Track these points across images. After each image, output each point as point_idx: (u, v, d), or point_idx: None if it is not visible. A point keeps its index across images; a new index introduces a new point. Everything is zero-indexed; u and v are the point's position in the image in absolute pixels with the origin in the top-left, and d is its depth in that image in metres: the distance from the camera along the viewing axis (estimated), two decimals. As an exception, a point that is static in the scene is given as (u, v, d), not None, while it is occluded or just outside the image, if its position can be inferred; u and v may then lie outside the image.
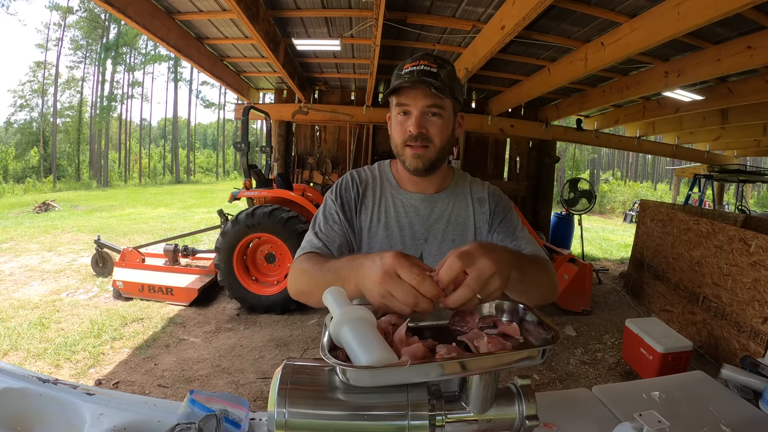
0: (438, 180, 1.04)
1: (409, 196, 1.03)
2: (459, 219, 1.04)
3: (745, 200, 9.76)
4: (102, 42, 28.93)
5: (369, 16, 3.59)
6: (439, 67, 0.91)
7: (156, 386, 2.65)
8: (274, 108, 6.20)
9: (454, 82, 0.94)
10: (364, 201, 1.04)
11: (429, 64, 0.91)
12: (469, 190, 1.08)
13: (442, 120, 0.93)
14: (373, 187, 1.05)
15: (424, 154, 0.93)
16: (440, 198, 1.04)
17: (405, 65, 0.93)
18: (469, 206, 1.05)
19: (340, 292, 0.75)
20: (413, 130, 0.92)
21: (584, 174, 30.39)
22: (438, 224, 1.02)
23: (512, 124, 6.37)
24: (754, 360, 1.13)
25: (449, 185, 1.07)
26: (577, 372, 3.13)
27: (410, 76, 0.91)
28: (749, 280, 3.07)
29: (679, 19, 2.43)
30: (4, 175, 22.71)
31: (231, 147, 35.22)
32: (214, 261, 3.94)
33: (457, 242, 1.02)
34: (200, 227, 6.66)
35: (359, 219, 1.03)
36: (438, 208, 1.03)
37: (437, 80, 0.89)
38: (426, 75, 0.89)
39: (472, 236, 1.03)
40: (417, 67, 0.91)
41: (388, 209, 1.02)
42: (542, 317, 0.68)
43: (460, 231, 1.03)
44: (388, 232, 1.01)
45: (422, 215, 1.02)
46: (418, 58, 0.93)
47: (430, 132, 0.93)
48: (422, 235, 1.01)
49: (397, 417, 0.60)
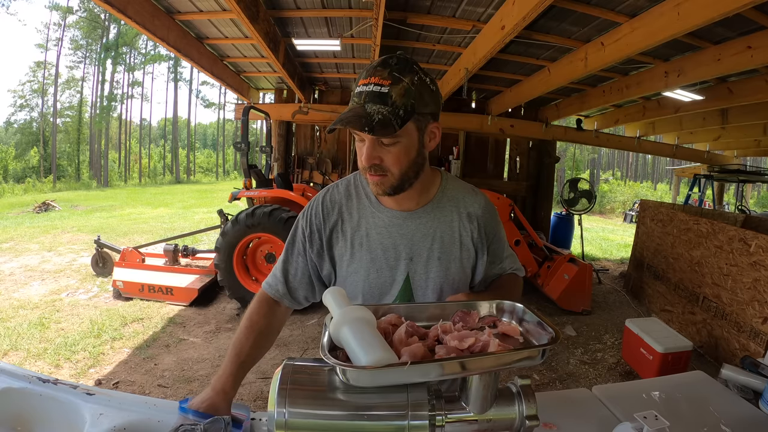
0: (417, 194, 0.95)
1: (391, 214, 0.95)
2: (445, 236, 0.96)
3: (745, 200, 9.76)
4: (102, 42, 28.91)
5: (369, 16, 3.59)
6: (392, 84, 0.80)
7: (156, 386, 2.65)
8: (274, 108, 6.19)
9: (413, 97, 0.81)
10: (342, 228, 0.97)
11: (380, 82, 0.80)
12: (457, 203, 0.99)
13: (399, 146, 0.84)
14: (348, 209, 0.98)
15: (384, 182, 0.87)
16: (424, 213, 0.96)
17: (360, 79, 0.84)
18: (455, 222, 0.97)
19: (340, 293, 0.75)
20: (365, 162, 0.85)
21: (584, 174, 30.39)
22: (423, 242, 0.95)
23: (512, 124, 6.37)
24: (754, 360, 1.13)
25: (434, 197, 0.98)
26: (577, 372, 3.13)
27: (357, 99, 0.82)
28: (749, 280, 3.07)
29: (679, 19, 2.43)
30: (4, 175, 22.71)
31: (231, 147, 35.18)
32: (214, 261, 3.94)
33: (443, 260, 0.95)
34: (200, 227, 6.66)
35: (333, 250, 0.98)
36: (423, 225, 0.96)
37: (385, 105, 0.79)
38: (373, 99, 0.80)
39: (458, 253, 0.97)
40: (366, 88, 0.81)
41: (369, 232, 0.95)
42: (542, 317, 0.68)
43: (446, 249, 0.96)
44: (372, 256, 0.95)
45: (406, 234, 0.95)
46: (371, 71, 0.82)
47: (385, 162, 0.85)
48: (407, 254, 0.95)
49: (397, 417, 0.60)
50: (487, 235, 1.00)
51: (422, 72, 0.84)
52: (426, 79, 0.84)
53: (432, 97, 0.86)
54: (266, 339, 0.99)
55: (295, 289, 1.01)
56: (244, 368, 0.91)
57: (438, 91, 0.88)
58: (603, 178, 30.99)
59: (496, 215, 1.04)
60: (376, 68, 0.82)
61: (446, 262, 0.96)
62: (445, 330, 0.68)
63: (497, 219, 1.04)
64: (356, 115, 0.79)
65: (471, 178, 6.30)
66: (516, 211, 4.46)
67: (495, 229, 1.02)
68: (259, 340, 0.95)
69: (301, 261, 1.00)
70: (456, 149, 6.32)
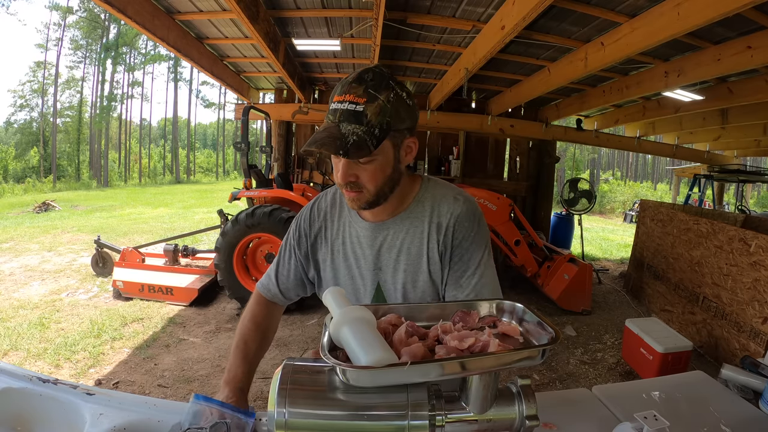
0: (392, 206, 0.94)
1: (363, 225, 0.97)
2: (412, 248, 0.94)
3: (745, 200, 9.75)
4: (102, 42, 28.92)
5: (369, 16, 3.59)
6: (367, 101, 0.78)
7: (156, 386, 2.65)
8: (274, 108, 6.19)
9: (389, 115, 0.80)
10: (325, 234, 1.02)
11: (355, 100, 0.78)
12: (429, 212, 0.94)
13: (375, 164, 0.83)
14: (331, 216, 1.01)
15: (359, 198, 0.87)
16: (393, 224, 0.95)
17: (335, 95, 0.81)
18: (425, 232, 0.93)
19: (340, 293, 0.75)
20: (340, 180, 0.85)
21: (584, 174, 30.40)
22: (389, 254, 0.95)
23: (512, 124, 6.37)
24: (754, 360, 1.14)
25: (408, 207, 0.95)
26: (577, 372, 3.13)
27: (332, 117, 0.80)
28: (749, 280, 3.07)
29: (679, 19, 2.43)
30: (4, 175, 22.71)
31: (231, 147, 35.21)
32: (214, 261, 3.94)
33: (408, 272, 0.94)
34: (200, 227, 6.66)
35: (317, 255, 1.03)
36: (391, 236, 0.94)
37: (360, 125, 0.77)
38: (348, 118, 0.78)
39: (426, 266, 0.93)
40: (341, 105, 0.79)
41: (345, 241, 0.99)
42: (542, 317, 0.68)
43: (412, 261, 0.94)
44: (347, 263, 0.99)
45: (373, 245, 0.95)
46: (346, 87, 0.79)
47: (361, 179, 0.84)
48: (375, 265, 0.96)
49: (397, 417, 0.60)
50: (453, 246, 0.92)
51: (399, 86, 0.82)
52: (402, 94, 0.82)
53: (408, 112, 0.84)
54: (267, 341, 1.06)
55: (287, 289, 1.08)
56: (251, 371, 0.97)
57: (414, 105, 0.87)
58: (603, 178, 30.99)
59: (473, 228, 0.92)
60: (351, 84, 0.79)
61: (413, 275, 0.94)
62: (445, 330, 0.68)
63: (475, 233, 0.93)
64: (330, 136, 0.78)
65: (471, 178, 6.30)
66: (516, 211, 4.46)
67: (465, 242, 0.92)
68: (262, 343, 1.03)
69: (293, 263, 1.06)
70: (456, 149, 6.31)
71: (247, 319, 1.04)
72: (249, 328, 1.02)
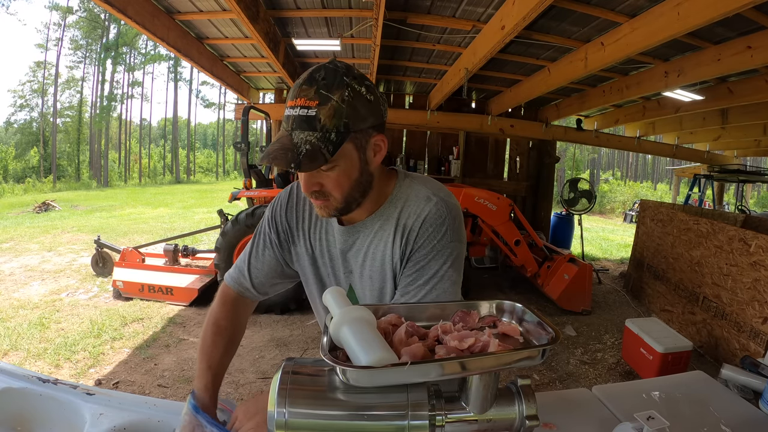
0: (365, 210, 0.86)
1: (334, 228, 0.91)
2: (376, 253, 0.86)
3: (745, 200, 9.75)
4: (102, 42, 28.93)
5: (369, 16, 3.59)
6: (320, 104, 0.70)
7: (156, 386, 2.65)
8: (274, 108, 6.19)
9: (346, 116, 0.71)
10: (302, 225, 0.95)
11: (306, 104, 0.70)
12: (398, 214, 0.85)
13: (338, 170, 0.76)
14: (311, 206, 0.93)
15: (327, 206, 0.80)
16: (363, 227, 0.87)
17: (288, 100, 0.74)
18: (390, 236, 0.85)
19: (340, 293, 0.75)
20: (303, 190, 0.79)
21: (584, 174, 30.40)
22: (356, 258, 0.89)
23: (512, 124, 6.37)
24: (754, 360, 1.14)
25: (380, 209, 0.86)
26: (577, 372, 3.13)
27: (286, 125, 0.73)
28: (749, 280, 3.07)
29: (679, 19, 2.43)
30: (4, 175, 22.72)
31: (231, 147, 35.19)
32: (214, 261, 3.94)
33: (375, 279, 0.88)
34: (200, 227, 6.66)
35: (296, 247, 0.96)
36: (359, 240, 0.88)
37: (314, 131, 0.70)
38: (301, 125, 0.71)
39: (390, 273, 0.86)
40: (293, 111, 0.71)
41: (321, 238, 0.93)
42: (542, 317, 0.68)
43: (377, 267, 0.87)
44: (322, 261, 0.94)
45: (343, 249, 0.90)
46: (297, 90, 0.72)
47: (325, 187, 0.78)
48: (346, 268, 0.91)
49: (397, 417, 0.60)
50: (412, 251, 0.83)
51: (356, 81, 0.73)
52: (361, 90, 0.73)
53: (370, 108, 0.75)
54: (234, 344, 0.99)
55: (261, 283, 0.99)
56: (217, 378, 0.91)
57: (380, 98, 0.77)
58: (603, 178, 31.01)
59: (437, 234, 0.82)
60: (302, 87, 0.71)
61: (379, 282, 0.88)
62: (445, 330, 0.68)
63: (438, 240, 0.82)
64: (282, 147, 0.71)
65: (471, 178, 6.31)
66: (516, 211, 4.46)
67: (424, 248, 0.82)
68: (228, 347, 0.96)
69: (268, 253, 0.98)
70: (456, 149, 6.31)
71: (212, 325, 0.96)
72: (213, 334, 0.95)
